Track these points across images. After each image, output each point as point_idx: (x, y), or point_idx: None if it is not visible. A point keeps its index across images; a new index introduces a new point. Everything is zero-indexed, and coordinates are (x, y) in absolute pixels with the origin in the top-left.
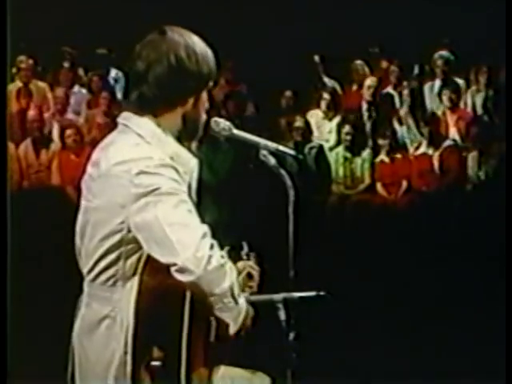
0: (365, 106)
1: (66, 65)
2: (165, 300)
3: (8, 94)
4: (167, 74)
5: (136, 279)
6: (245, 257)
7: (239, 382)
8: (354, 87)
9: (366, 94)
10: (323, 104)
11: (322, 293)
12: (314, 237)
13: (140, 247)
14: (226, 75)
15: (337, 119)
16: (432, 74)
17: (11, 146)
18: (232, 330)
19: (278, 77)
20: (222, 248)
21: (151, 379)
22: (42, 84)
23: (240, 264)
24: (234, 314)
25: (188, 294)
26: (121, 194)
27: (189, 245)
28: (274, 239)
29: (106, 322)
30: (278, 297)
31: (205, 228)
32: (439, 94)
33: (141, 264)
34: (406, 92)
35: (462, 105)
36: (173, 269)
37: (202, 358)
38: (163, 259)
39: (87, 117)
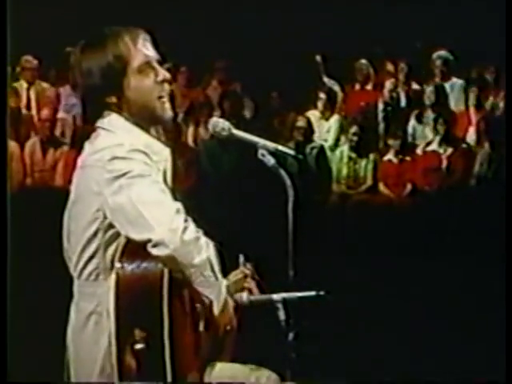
0: (381, 107)
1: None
2: (143, 283)
3: (13, 93)
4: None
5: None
6: (242, 266)
7: (237, 378)
8: (357, 87)
9: (387, 95)
10: (320, 104)
11: (321, 293)
12: (313, 237)
13: (118, 235)
14: (220, 75)
15: (334, 118)
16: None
17: (15, 144)
18: (216, 309)
19: (276, 77)
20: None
21: (137, 364)
22: (45, 84)
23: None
24: (216, 290)
25: (166, 274)
26: (95, 181)
27: (163, 219)
28: (274, 239)
29: (93, 318)
30: (278, 297)
31: (178, 205)
32: (465, 92)
33: (118, 252)
34: (429, 89)
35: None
36: (149, 245)
37: (192, 348)
38: (138, 237)
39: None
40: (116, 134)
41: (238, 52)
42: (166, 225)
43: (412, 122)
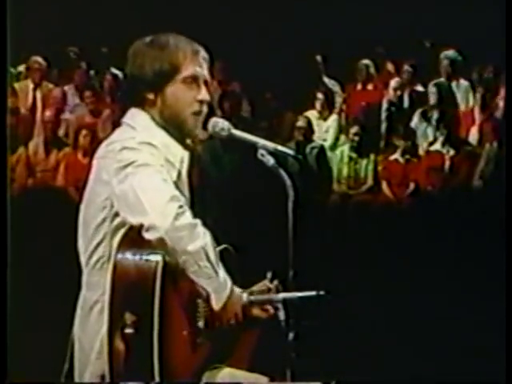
0: (385, 106)
1: (77, 65)
2: (139, 270)
3: (18, 93)
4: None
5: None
6: (267, 281)
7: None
8: (359, 87)
9: (392, 94)
10: (318, 104)
11: (321, 293)
12: (314, 237)
13: (124, 224)
14: (218, 75)
15: (332, 118)
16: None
17: (22, 146)
18: (215, 304)
19: (275, 77)
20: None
21: (126, 348)
22: (49, 84)
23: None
24: (215, 284)
25: (160, 262)
26: (106, 171)
27: (157, 204)
28: (274, 239)
29: (97, 307)
30: (278, 297)
31: (176, 193)
32: (471, 92)
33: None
34: (432, 90)
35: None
36: (143, 230)
37: (188, 343)
38: (134, 220)
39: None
40: (135, 130)
41: (237, 52)
42: (159, 209)
43: (415, 122)
